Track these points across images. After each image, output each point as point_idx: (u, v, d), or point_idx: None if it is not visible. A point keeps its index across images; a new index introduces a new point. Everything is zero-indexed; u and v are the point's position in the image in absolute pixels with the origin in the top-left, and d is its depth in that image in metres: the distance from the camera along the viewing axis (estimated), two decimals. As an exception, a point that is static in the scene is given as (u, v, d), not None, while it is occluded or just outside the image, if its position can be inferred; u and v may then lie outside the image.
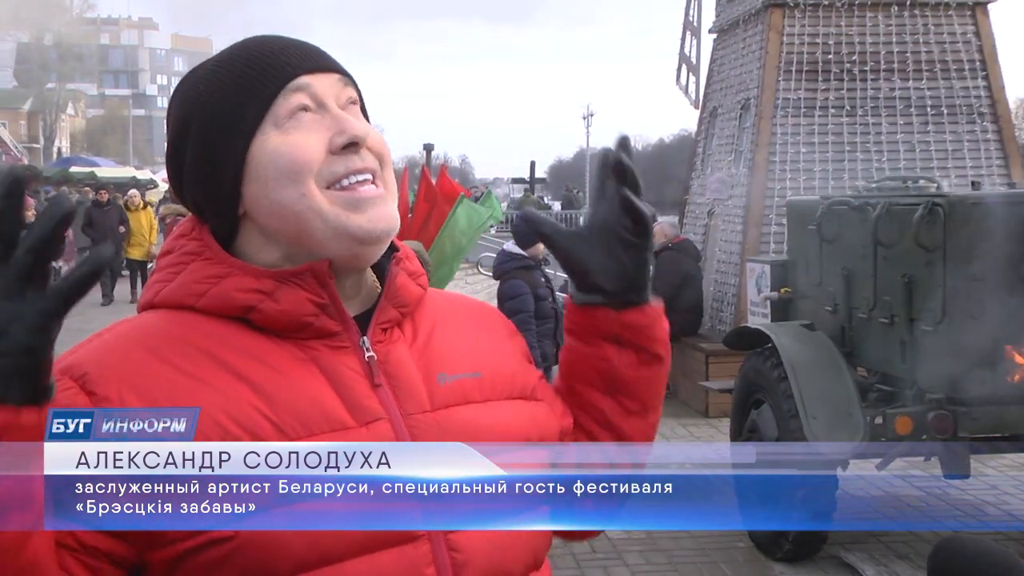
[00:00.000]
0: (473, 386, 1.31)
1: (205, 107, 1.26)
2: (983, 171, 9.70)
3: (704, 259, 10.61)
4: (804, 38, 10.11)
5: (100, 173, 31.46)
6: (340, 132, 1.23)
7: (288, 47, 1.28)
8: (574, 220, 36.97)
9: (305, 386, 1.21)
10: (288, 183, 1.22)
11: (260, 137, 1.23)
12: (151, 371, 1.18)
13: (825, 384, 5.39)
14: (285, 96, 1.23)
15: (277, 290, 1.23)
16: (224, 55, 1.30)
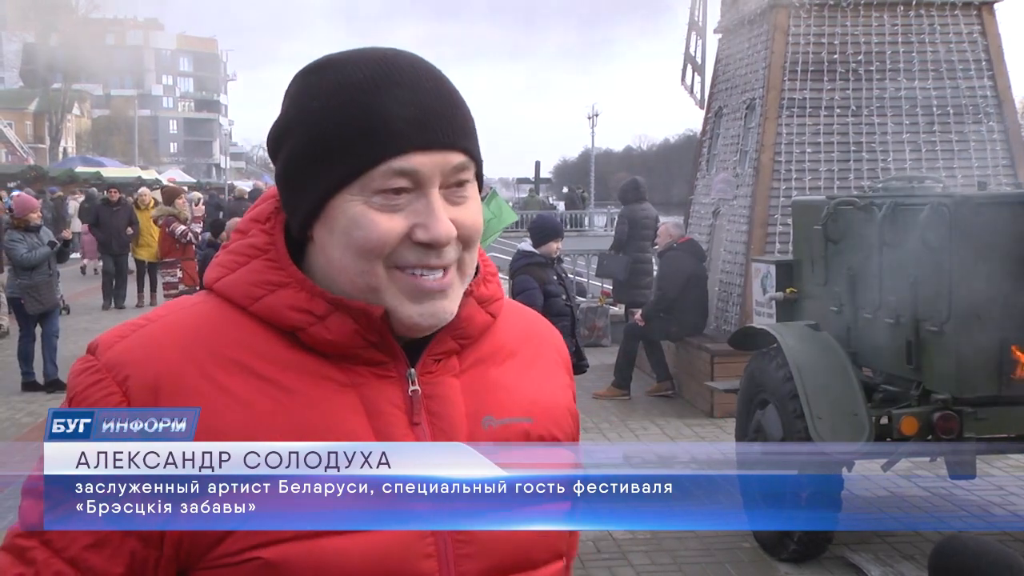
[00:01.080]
0: (519, 432, 1.26)
1: (309, 127, 1.19)
2: (989, 171, 9.67)
3: (709, 259, 10.59)
4: (810, 38, 10.09)
5: (105, 173, 31.55)
6: (424, 228, 1.17)
7: (417, 105, 1.16)
8: (578, 220, 37.01)
9: (342, 420, 1.18)
10: (356, 255, 1.18)
11: (344, 195, 1.17)
12: (189, 384, 1.16)
13: (830, 384, 5.38)
14: (385, 175, 1.16)
15: (329, 316, 1.19)
16: (355, 74, 1.18)
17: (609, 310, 13.23)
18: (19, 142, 52.49)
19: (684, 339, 9.98)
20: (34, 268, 10.07)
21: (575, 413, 1.39)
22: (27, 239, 10.11)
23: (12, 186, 26.58)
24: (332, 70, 1.20)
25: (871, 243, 5.56)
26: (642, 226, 11.53)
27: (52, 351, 10.36)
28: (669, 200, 41.08)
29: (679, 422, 9.09)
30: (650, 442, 8.38)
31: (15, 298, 10.27)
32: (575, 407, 1.40)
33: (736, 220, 10.37)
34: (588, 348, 12.90)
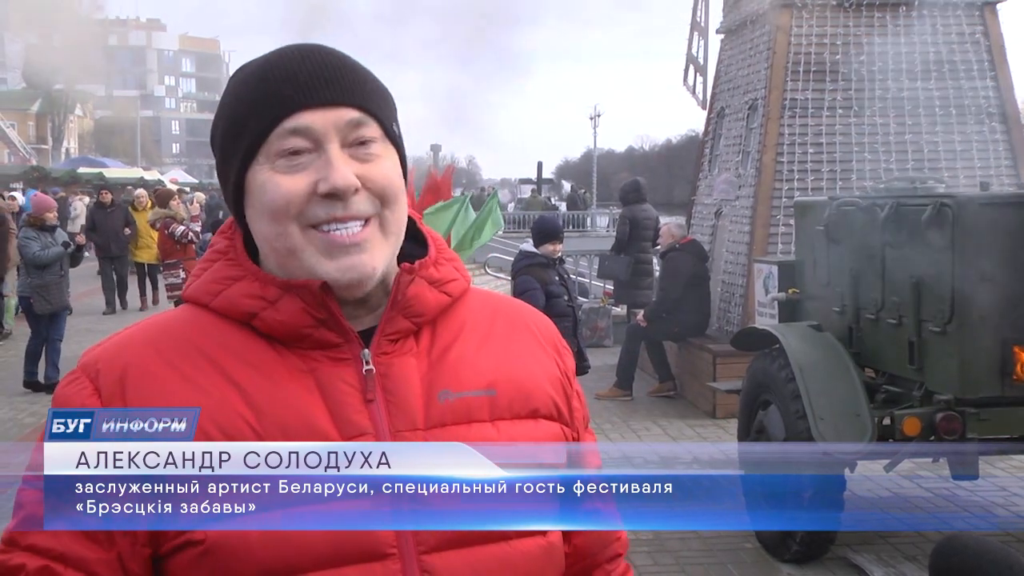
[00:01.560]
0: (481, 404, 1.28)
1: (223, 118, 1.30)
2: (991, 171, 9.66)
3: (711, 260, 10.59)
4: (812, 38, 10.08)
5: (108, 174, 31.56)
6: (324, 179, 1.23)
7: (302, 72, 1.25)
8: (580, 220, 37.00)
9: (296, 398, 1.22)
10: (270, 220, 1.24)
11: (254, 167, 1.26)
12: (153, 372, 1.23)
13: (833, 385, 5.38)
14: (280, 136, 1.24)
15: (280, 299, 1.25)
16: (256, 63, 1.30)
17: (611, 311, 13.22)
18: (21, 143, 52.54)
19: (686, 340, 9.98)
20: (46, 267, 10.10)
21: (570, 388, 1.40)
22: (41, 238, 10.16)
23: (14, 186, 26.59)
24: (240, 68, 1.31)
25: (873, 244, 5.55)
26: (643, 227, 11.53)
27: (55, 353, 10.35)
28: (671, 201, 41.07)
29: (681, 423, 9.08)
30: (652, 442, 8.37)
31: (26, 297, 10.27)
32: (569, 383, 1.41)
33: (738, 220, 10.36)
34: (590, 349, 12.90)
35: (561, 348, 1.43)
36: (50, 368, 10.27)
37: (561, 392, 1.38)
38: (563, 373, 1.40)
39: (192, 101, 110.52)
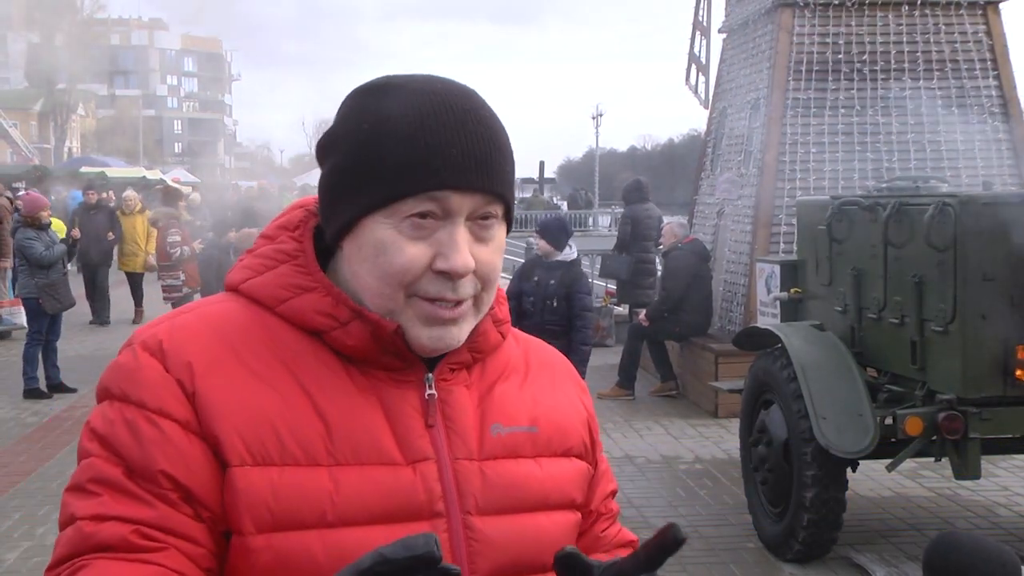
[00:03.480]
0: (526, 440, 1.31)
1: (355, 147, 1.23)
2: (994, 171, 9.66)
3: (713, 259, 10.59)
4: (814, 38, 10.08)
5: (110, 173, 31.56)
6: (444, 258, 1.20)
7: (455, 146, 1.20)
8: (582, 220, 37.01)
9: (363, 415, 1.22)
10: (379, 279, 1.22)
11: (376, 217, 1.21)
12: (224, 364, 1.20)
13: (835, 385, 5.38)
14: (418, 202, 1.19)
15: (351, 323, 1.23)
16: (409, 102, 1.21)
17: (613, 310, 13.23)
18: (24, 142, 52.56)
19: (688, 339, 9.98)
20: (51, 266, 10.08)
21: (593, 426, 1.43)
22: (41, 237, 10.13)
23: (17, 185, 26.60)
24: (387, 95, 1.23)
25: (876, 243, 5.55)
26: (645, 226, 11.53)
27: (54, 353, 10.28)
28: (673, 200, 41.07)
29: (683, 422, 9.08)
30: (654, 442, 8.38)
31: (31, 298, 10.16)
32: (595, 420, 1.44)
33: (740, 220, 10.36)
34: (592, 348, 12.90)
35: (582, 387, 1.46)
36: (51, 368, 10.20)
37: (588, 431, 1.41)
38: (588, 413, 1.43)
39: (194, 100, 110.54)
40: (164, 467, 1.14)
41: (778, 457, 5.57)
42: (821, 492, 5.29)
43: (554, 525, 1.30)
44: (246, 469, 1.15)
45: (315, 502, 1.16)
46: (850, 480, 5.56)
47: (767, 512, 5.79)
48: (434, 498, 1.21)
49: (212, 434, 1.15)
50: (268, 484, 1.15)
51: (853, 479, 5.77)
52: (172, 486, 1.14)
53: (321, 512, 1.16)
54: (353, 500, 1.17)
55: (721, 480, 7.25)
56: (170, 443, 1.14)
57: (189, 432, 1.15)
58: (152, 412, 1.16)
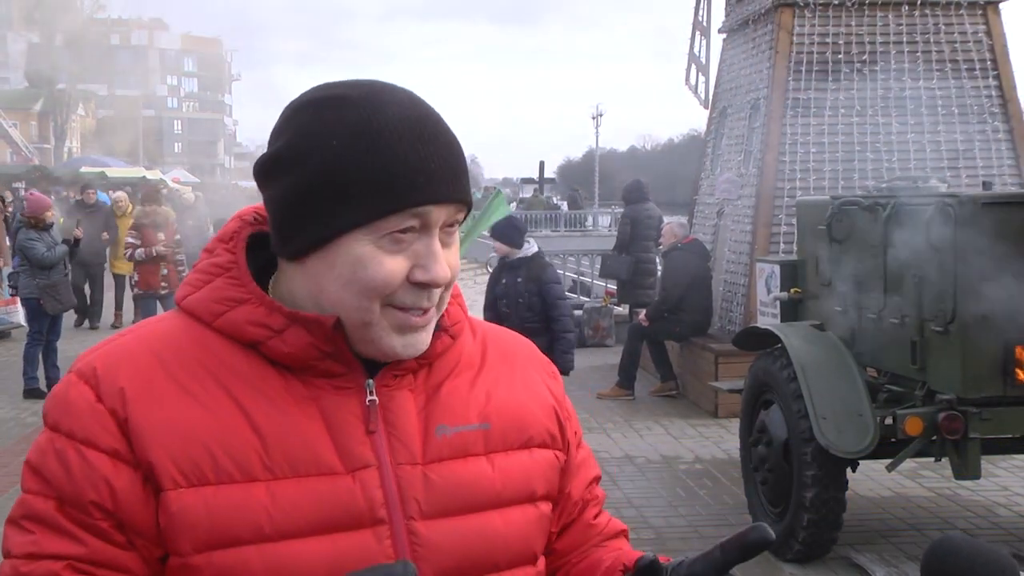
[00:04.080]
0: (476, 439, 1.30)
1: (325, 164, 1.19)
2: (994, 171, 9.65)
3: (713, 259, 10.59)
4: (814, 37, 10.08)
5: (110, 173, 31.56)
6: (424, 269, 1.21)
7: (432, 161, 1.20)
8: (580, 219, 37.01)
9: (301, 426, 1.21)
10: (357, 294, 1.20)
11: (355, 234, 1.19)
12: (156, 385, 1.20)
13: (835, 385, 5.38)
14: (400, 217, 1.19)
15: (286, 329, 1.22)
16: (373, 116, 1.20)
17: (613, 310, 13.23)
18: (24, 142, 52.56)
19: (688, 339, 9.98)
20: (52, 267, 10.06)
21: (563, 413, 1.42)
22: (43, 238, 10.11)
23: (17, 185, 26.59)
24: (351, 108, 1.21)
25: (875, 243, 5.55)
26: (645, 226, 11.54)
27: (54, 353, 10.28)
28: (673, 200, 41.06)
29: (683, 422, 9.08)
30: (654, 442, 8.38)
31: (31, 298, 10.14)
32: (565, 406, 1.43)
33: (740, 220, 10.36)
34: (591, 348, 12.93)
35: (549, 373, 1.45)
36: (51, 368, 10.19)
37: (554, 418, 1.39)
38: (555, 398, 1.41)
39: (194, 100, 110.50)
40: (93, 497, 1.15)
41: (778, 457, 5.57)
42: (821, 492, 5.29)
43: (507, 523, 1.29)
44: (180, 492, 1.15)
45: (251, 517, 1.16)
46: (850, 480, 5.56)
47: (767, 512, 5.78)
48: (375, 505, 1.21)
49: (145, 460, 1.16)
50: (203, 504, 1.15)
51: (853, 479, 5.77)
52: (103, 516, 1.15)
53: (258, 526, 1.16)
54: (290, 512, 1.17)
55: (721, 480, 7.24)
56: (98, 473, 1.15)
57: (117, 461, 1.16)
58: (79, 443, 1.16)
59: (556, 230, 35.22)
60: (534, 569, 1.33)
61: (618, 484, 7.16)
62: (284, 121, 1.25)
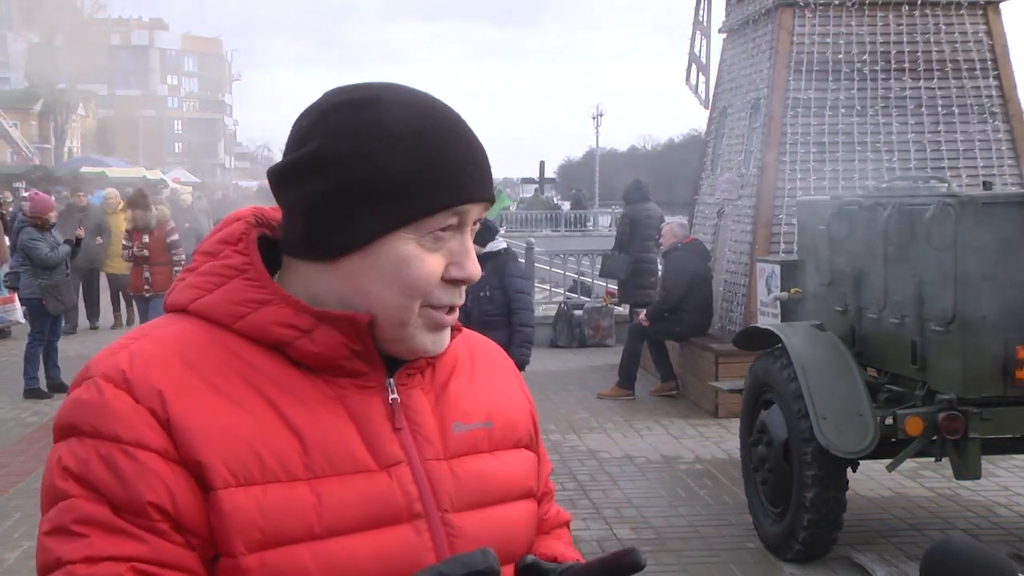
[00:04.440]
0: (483, 436, 1.34)
1: (371, 165, 1.21)
2: (994, 171, 9.66)
3: (714, 259, 10.59)
4: (815, 37, 10.08)
5: (111, 173, 31.57)
6: (459, 267, 1.25)
7: (471, 160, 1.25)
8: (583, 219, 37.02)
9: (333, 425, 1.22)
10: (400, 292, 1.22)
11: (400, 234, 1.21)
12: (192, 388, 1.17)
13: (835, 385, 5.37)
14: (445, 217, 1.22)
15: (315, 329, 1.22)
16: (412, 116, 1.22)
17: (613, 310, 13.23)
18: (24, 142, 52.56)
19: (688, 339, 9.98)
20: (55, 267, 10.06)
21: (534, 417, 1.48)
22: (46, 238, 10.10)
23: (17, 185, 26.59)
24: (381, 110, 1.23)
25: (876, 243, 5.55)
26: (645, 226, 11.53)
27: (55, 353, 10.28)
28: (673, 200, 41.08)
29: (683, 422, 9.08)
30: (654, 442, 8.38)
31: (33, 298, 10.12)
32: (534, 410, 1.48)
33: (740, 220, 10.36)
34: (592, 348, 12.94)
35: (519, 377, 1.50)
36: (52, 368, 10.19)
37: (530, 420, 1.45)
38: (529, 402, 1.47)
39: (194, 100, 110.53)
40: (151, 499, 1.11)
41: (778, 457, 5.57)
42: (821, 492, 5.29)
43: (519, 515, 1.34)
44: (231, 491, 1.14)
45: (302, 516, 1.16)
46: (850, 480, 5.56)
47: (767, 512, 5.79)
48: (412, 500, 1.23)
49: (194, 460, 1.13)
50: (255, 503, 1.14)
51: (853, 479, 5.77)
52: (161, 517, 1.12)
53: (308, 525, 1.16)
54: (337, 510, 1.18)
55: (721, 480, 7.24)
56: (152, 474, 1.12)
57: (169, 460, 1.13)
58: (129, 445, 1.12)
59: (556, 230, 35.25)
60: (533, 504, 1.40)
61: (618, 484, 7.16)
62: (313, 123, 1.25)
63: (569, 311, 13.38)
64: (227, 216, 1.34)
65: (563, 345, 13.12)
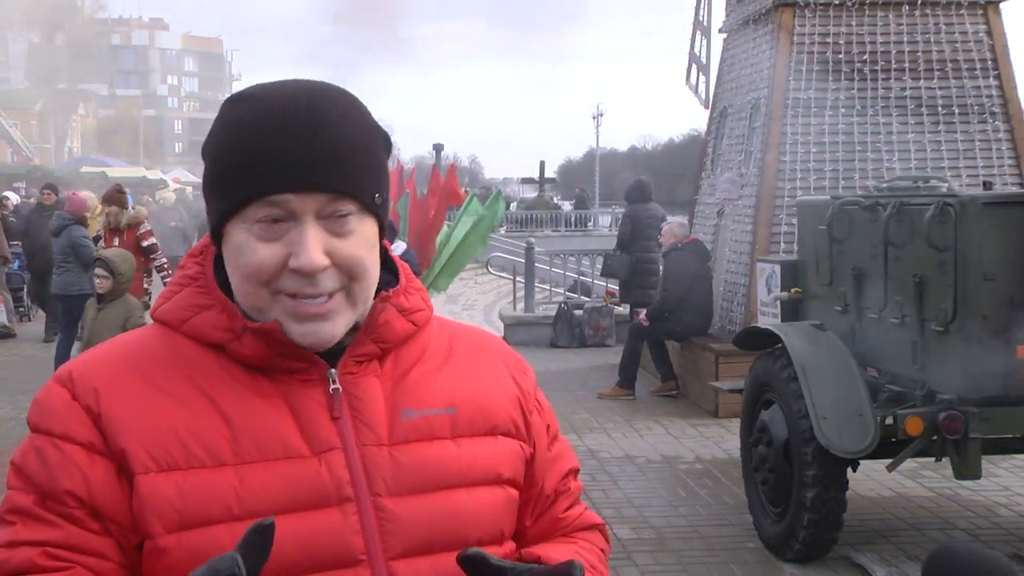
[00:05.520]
0: (443, 422, 1.35)
1: (210, 159, 1.31)
2: (994, 171, 9.65)
3: (714, 259, 10.59)
4: (815, 38, 10.08)
5: (111, 173, 31.54)
6: (295, 256, 1.26)
7: (284, 150, 1.24)
8: (584, 219, 37.00)
9: (267, 415, 1.28)
10: (242, 279, 1.29)
11: (234, 221, 1.28)
12: (128, 384, 1.27)
13: (835, 385, 5.37)
14: (260, 206, 1.26)
15: (244, 334, 1.30)
16: (254, 111, 1.27)
17: (614, 310, 13.23)
18: (24, 142, 52.55)
19: (688, 339, 9.98)
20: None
21: (528, 405, 1.46)
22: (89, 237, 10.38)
23: (17, 185, 26.58)
24: (244, 105, 1.29)
25: (876, 243, 5.55)
26: (646, 226, 11.53)
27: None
28: (674, 200, 41.08)
29: (683, 422, 9.08)
30: (654, 442, 8.38)
31: (83, 294, 9.64)
32: (533, 399, 1.48)
33: (741, 220, 10.36)
34: (592, 348, 12.93)
35: (519, 369, 1.49)
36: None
37: (519, 410, 1.44)
38: (522, 392, 1.46)
39: (195, 100, 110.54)
40: (68, 487, 1.21)
41: (778, 457, 5.57)
42: (821, 492, 5.29)
43: (475, 501, 1.34)
44: (151, 476, 1.21)
45: (221, 498, 1.22)
46: (850, 480, 5.56)
47: (767, 512, 5.79)
48: (342, 484, 1.26)
49: (119, 448, 1.22)
50: (174, 487, 1.21)
51: (853, 479, 5.77)
52: (77, 504, 1.21)
53: (227, 506, 1.21)
54: (258, 492, 1.23)
55: (721, 480, 7.24)
56: (73, 464, 1.22)
57: (92, 452, 1.23)
58: (57, 438, 1.24)
59: (557, 230, 35.26)
60: (501, 550, 1.37)
61: (618, 484, 7.16)
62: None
63: (569, 311, 13.38)
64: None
65: (563, 345, 13.12)
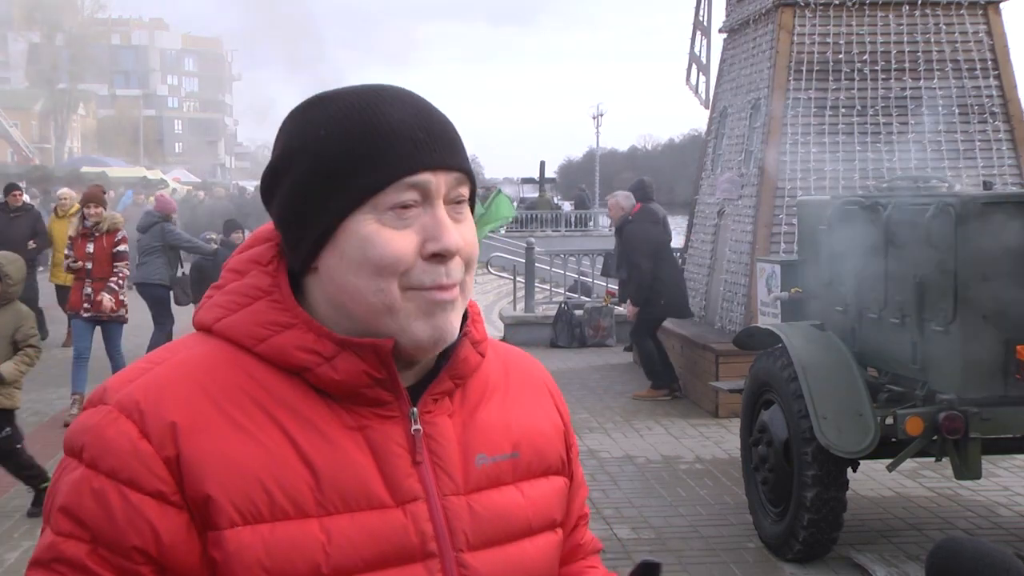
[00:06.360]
0: (507, 468, 1.29)
1: (316, 154, 1.20)
2: (995, 171, 9.65)
3: (714, 259, 10.59)
4: (815, 37, 10.07)
5: (111, 173, 31.57)
6: (435, 240, 1.18)
7: (419, 129, 1.19)
8: (584, 219, 37.00)
9: (350, 459, 1.18)
10: (371, 275, 1.17)
11: (358, 216, 1.18)
12: (206, 420, 1.15)
13: (835, 384, 5.37)
14: (397, 190, 1.17)
15: (336, 356, 1.19)
16: (357, 101, 1.20)
17: (614, 310, 13.23)
18: (24, 142, 52.58)
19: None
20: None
21: (570, 437, 1.42)
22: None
23: (19, 185, 26.52)
24: (331, 102, 1.22)
25: (876, 243, 5.55)
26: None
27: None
28: (673, 200, 41.07)
29: (683, 422, 9.08)
30: (654, 442, 8.38)
31: (164, 285, 10.85)
32: (570, 428, 1.43)
33: (741, 220, 10.36)
34: (593, 348, 12.93)
35: (557, 396, 1.44)
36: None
37: (564, 444, 1.39)
38: (564, 423, 1.42)
39: (195, 100, 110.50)
40: (136, 543, 1.11)
41: (779, 457, 5.57)
42: (822, 492, 5.29)
43: (538, 550, 1.29)
44: (237, 530, 1.12)
45: (309, 555, 1.13)
46: (850, 480, 5.56)
47: (768, 512, 5.79)
48: (426, 539, 1.20)
49: (201, 496, 1.12)
50: (261, 542, 1.12)
51: (853, 479, 5.77)
52: (144, 560, 1.11)
53: (315, 565, 1.13)
54: (346, 549, 1.15)
55: (721, 480, 7.24)
56: (141, 517, 1.11)
57: (163, 503, 1.12)
58: (122, 484, 1.11)
59: (557, 230, 35.24)
60: (555, 536, 1.35)
61: (618, 484, 7.16)
62: (275, 138, 1.26)
63: (569, 311, 13.38)
64: (255, 233, 1.31)
65: (563, 345, 13.12)
